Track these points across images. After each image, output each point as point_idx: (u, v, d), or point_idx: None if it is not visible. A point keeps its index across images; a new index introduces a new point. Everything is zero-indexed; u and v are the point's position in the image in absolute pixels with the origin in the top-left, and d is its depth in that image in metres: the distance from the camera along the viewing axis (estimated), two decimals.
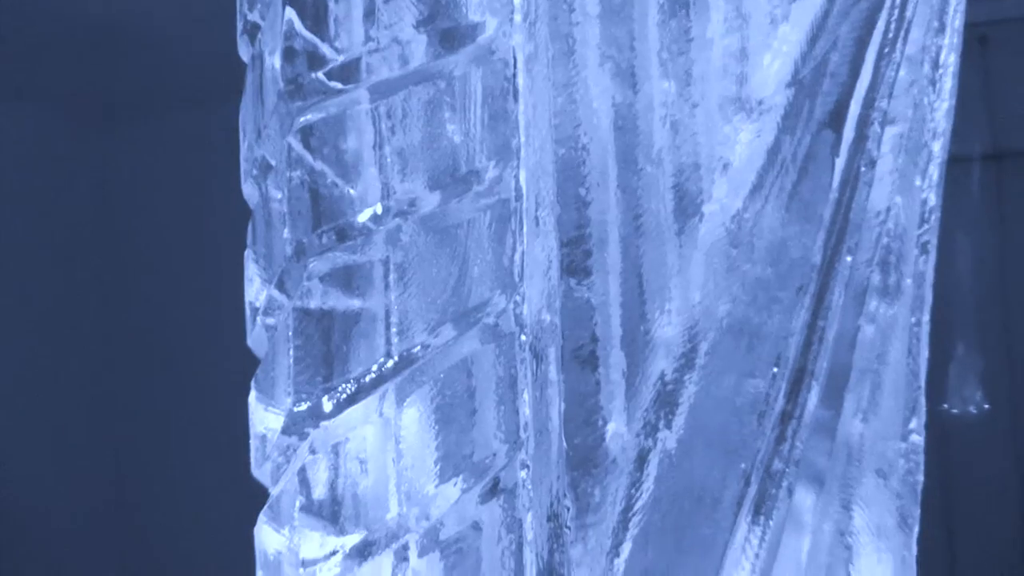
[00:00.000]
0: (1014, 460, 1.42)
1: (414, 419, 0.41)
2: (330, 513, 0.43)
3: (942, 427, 1.42)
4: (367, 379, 0.40)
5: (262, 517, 0.47)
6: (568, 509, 0.42)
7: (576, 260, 0.44)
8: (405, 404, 0.40)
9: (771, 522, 0.47)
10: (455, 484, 0.41)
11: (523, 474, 0.41)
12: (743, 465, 0.48)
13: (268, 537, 0.46)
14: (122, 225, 1.43)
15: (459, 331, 0.40)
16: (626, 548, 0.46)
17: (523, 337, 0.42)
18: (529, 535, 0.41)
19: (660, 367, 0.47)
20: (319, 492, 0.43)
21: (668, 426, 0.47)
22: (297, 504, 0.44)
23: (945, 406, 1.45)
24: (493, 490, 0.41)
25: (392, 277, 0.39)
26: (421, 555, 0.41)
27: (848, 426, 0.49)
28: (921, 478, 0.48)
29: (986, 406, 1.45)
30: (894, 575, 0.47)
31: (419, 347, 0.40)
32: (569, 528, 0.42)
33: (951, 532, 1.38)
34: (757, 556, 0.46)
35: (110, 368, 1.41)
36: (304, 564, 0.43)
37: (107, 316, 1.41)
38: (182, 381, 1.35)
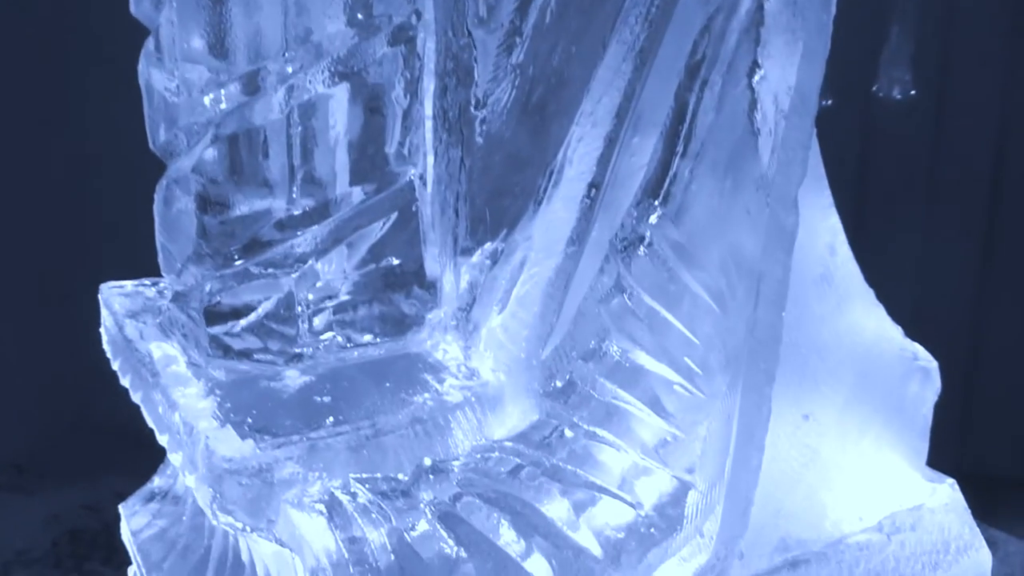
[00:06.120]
0: (931, 147, 1.44)
1: None
2: (217, 49, 0.41)
3: (868, 110, 1.43)
4: None
5: (143, 60, 0.44)
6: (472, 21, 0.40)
7: None
8: None
9: None
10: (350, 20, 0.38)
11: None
12: None
13: (154, 77, 0.44)
14: None
15: None
16: (527, 39, 0.44)
17: None
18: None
19: None
20: (205, 25, 0.40)
21: None
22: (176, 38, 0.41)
23: (874, 89, 1.45)
24: (397, 36, 0.39)
25: None
26: (319, 83, 0.39)
27: None
28: None
29: (912, 92, 1.45)
30: None
31: None
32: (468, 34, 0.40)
33: (860, 211, 1.42)
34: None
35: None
36: (188, 95, 0.41)
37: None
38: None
